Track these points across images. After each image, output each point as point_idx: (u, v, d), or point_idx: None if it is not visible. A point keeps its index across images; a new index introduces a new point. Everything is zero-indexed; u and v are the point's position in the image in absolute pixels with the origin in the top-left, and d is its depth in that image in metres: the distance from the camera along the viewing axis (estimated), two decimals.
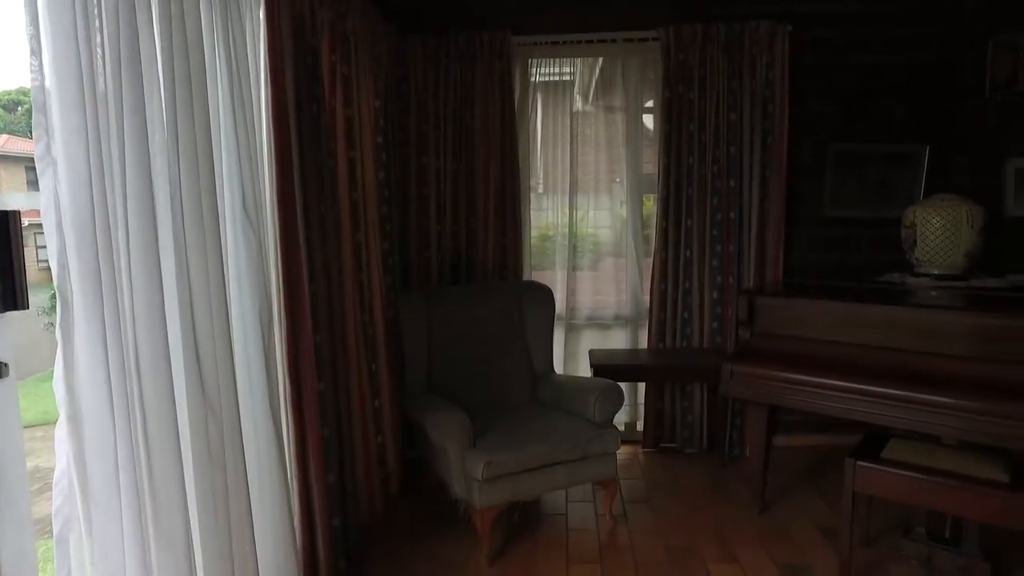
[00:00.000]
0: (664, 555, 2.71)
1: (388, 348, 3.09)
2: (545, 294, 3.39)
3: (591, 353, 3.64)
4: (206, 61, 1.68)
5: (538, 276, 3.81)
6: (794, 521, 2.97)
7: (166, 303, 1.50)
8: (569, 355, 3.82)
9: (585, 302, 3.87)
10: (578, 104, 3.86)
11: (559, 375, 3.33)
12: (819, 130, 3.69)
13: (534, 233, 3.84)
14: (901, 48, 3.66)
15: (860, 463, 2.35)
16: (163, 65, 1.50)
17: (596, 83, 3.94)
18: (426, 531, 2.92)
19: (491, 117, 3.57)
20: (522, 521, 2.98)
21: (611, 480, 2.90)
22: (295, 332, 2.20)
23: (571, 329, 3.83)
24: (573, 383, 3.14)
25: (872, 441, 2.53)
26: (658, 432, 3.79)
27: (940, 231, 2.91)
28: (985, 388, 2.23)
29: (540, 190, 3.87)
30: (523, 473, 2.66)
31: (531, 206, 3.79)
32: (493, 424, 2.87)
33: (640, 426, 3.86)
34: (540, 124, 3.80)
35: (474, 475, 2.56)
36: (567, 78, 3.81)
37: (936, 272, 3.01)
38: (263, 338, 1.95)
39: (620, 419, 3.90)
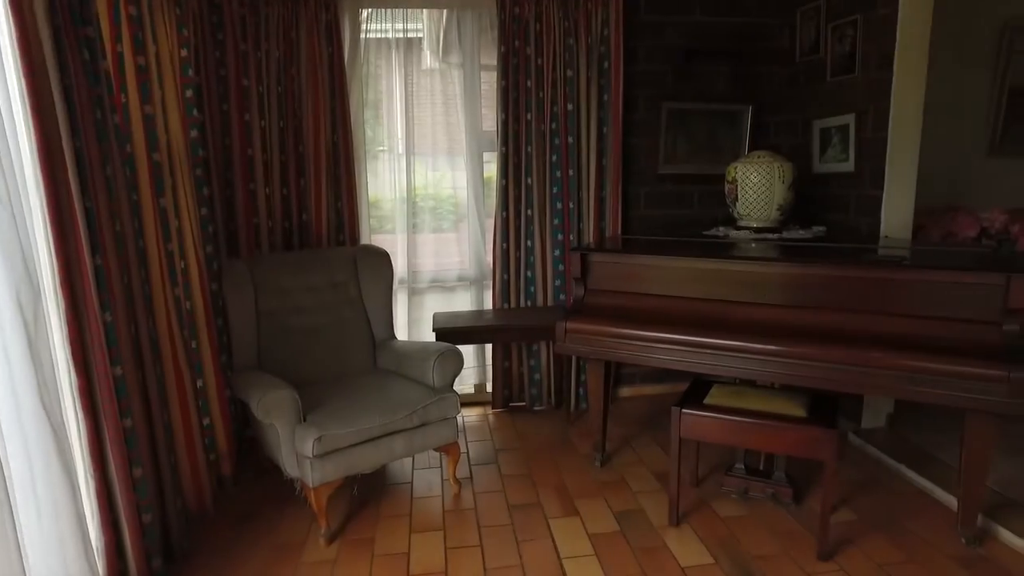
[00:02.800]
0: (507, 514, 2.73)
1: (210, 323, 2.83)
2: (382, 258, 3.25)
3: (435, 317, 3.56)
4: None
5: (378, 240, 3.65)
6: (633, 469, 3.10)
7: None
8: (413, 320, 3.72)
9: (428, 265, 3.76)
10: (418, 61, 3.68)
11: (400, 341, 3.22)
12: (653, 88, 3.78)
13: (372, 195, 3.66)
14: (724, 10, 3.81)
15: (684, 410, 2.46)
16: None
17: (438, 40, 3.77)
18: (263, 514, 2.75)
19: (320, 72, 3.32)
20: (363, 494, 2.89)
21: (453, 445, 2.87)
22: (77, 313, 1.92)
23: (414, 293, 3.72)
24: (412, 349, 3.05)
25: (697, 388, 2.67)
26: (507, 392, 3.82)
27: (757, 186, 3.08)
28: (794, 334, 2.40)
29: (378, 150, 3.67)
30: (358, 446, 2.55)
31: (368, 167, 3.59)
32: (328, 397, 2.73)
33: (490, 387, 3.86)
34: (376, 81, 3.58)
35: (304, 452, 2.42)
36: (413, 35, 3.61)
37: (755, 225, 3.20)
38: (25, 323, 1.68)
39: (469, 381, 3.90)
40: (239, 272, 2.94)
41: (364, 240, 3.59)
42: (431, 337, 3.39)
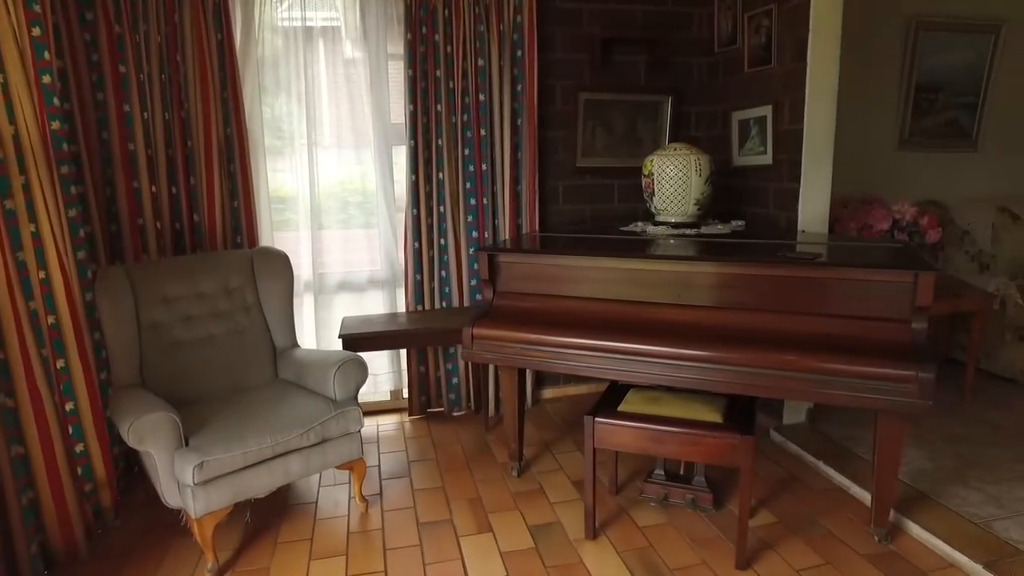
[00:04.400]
0: (416, 534, 2.55)
1: (81, 338, 2.53)
2: (281, 260, 3.01)
3: (343, 322, 3.34)
4: None
5: (281, 241, 3.39)
6: (552, 477, 2.97)
7: None
8: (322, 324, 3.48)
9: (337, 266, 3.53)
10: (320, 48, 3.40)
11: (303, 350, 2.99)
12: (569, 78, 3.64)
13: (274, 193, 3.40)
14: None
15: (598, 420, 2.34)
16: None
17: (342, 26, 3.51)
18: (145, 550, 2.48)
19: (209, 59, 3.03)
20: (260, 519, 2.66)
21: (357, 462, 2.67)
22: None
23: (322, 296, 3.48)
24: (314, 358, 2.83)
25: (614, 394, 2.55)
26: (424, 398, 3.63)
27: (673, 180, 2.98)
28: (709, 336, 2.29)
29: (278, 144, 3.40)
30: (248, 469, 2.32)
31: (268, 163, 3.32)
32: (218, 415, 2.48)
33: (407, 393, 3.67)
34: (274, 69, 3.30)
35: (185, 480, 2.18)
36: (313, 21, 3.34)
37: (673, 220, 3.10)
38: None
39: (385, 387, 3.70)
40: (115, 280, 2.65)
41: (265, 241, 3.33)
42: (339, 344, 3.18)
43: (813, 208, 3.17)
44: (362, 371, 2.69)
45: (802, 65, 3.07)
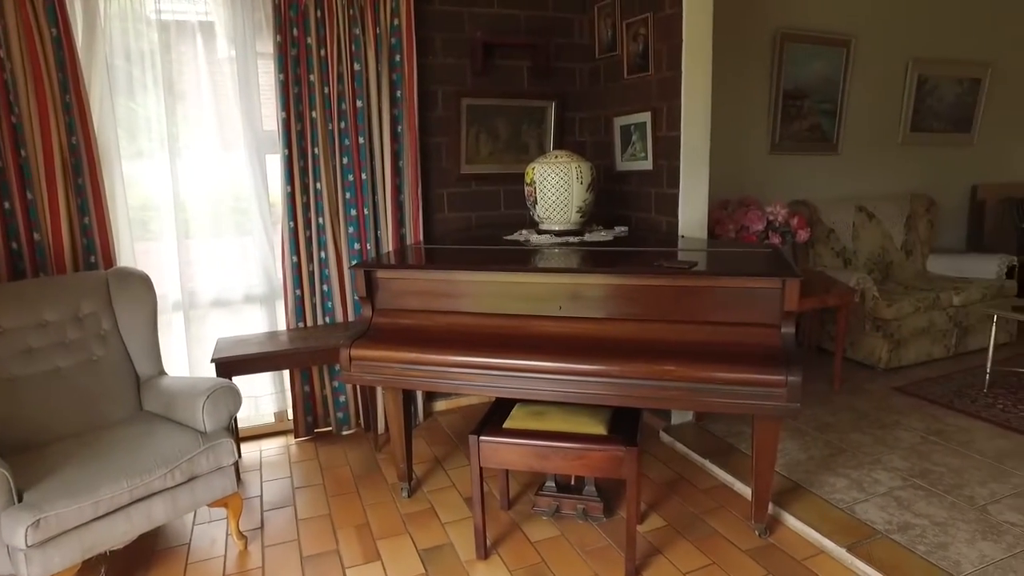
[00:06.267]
0: (299, 569, 2.40)
1: None
2: (141, 283, 2.75)
3: (218, 344, 3.11)
4: None
5: (144, 254, 3.11)
6: (443, 495, 2.89)
7: None
8: (193, 348, 3.23)
9: (209, 283, 3.28)
10: (182, 46, 3.14)
11: (170, 378, 2.74)
12: (451, 83, 3.57)
13: (135, 206, 3.11)
14: (523, 2, 3.68)
15: (483, 438, 2.28)
16: None
17: (206, 23, 3.25)
18: None
19: (43, 59, 2.71)
20: (121, 570, 2.42)
21: (232, 497, 2.48)
22: None
23: (194, 314, 3.23)
24: (181, 387, 2.60)
25: (500, 409, 2.50)
26: (310, 418, 3.45)
27: (555, 188, 2.96)
28: (592, 348, 2.28)
29: (136, 152, 3.11)
30: (100, 519, 2.09)
31: (125, 173, 3.03)
32: (67, 459, 2.22)
33: (292, 414, 3.47)
34: (127, 69, 3.01)
35: (16, 543, 1.92)
36: (169, 15, 3.06)
37: (557, 228, 3.09)
38: None
39: (268, 409, 3.50)
40: None
41: (125, 257, 3.04)
42: (213, 368, 2.95)
43: (692, 213, 3.25)
44: (234, 399, 2.50)
45: (677, 73, 3.14)
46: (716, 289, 2.25)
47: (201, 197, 3.21)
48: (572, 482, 2.71)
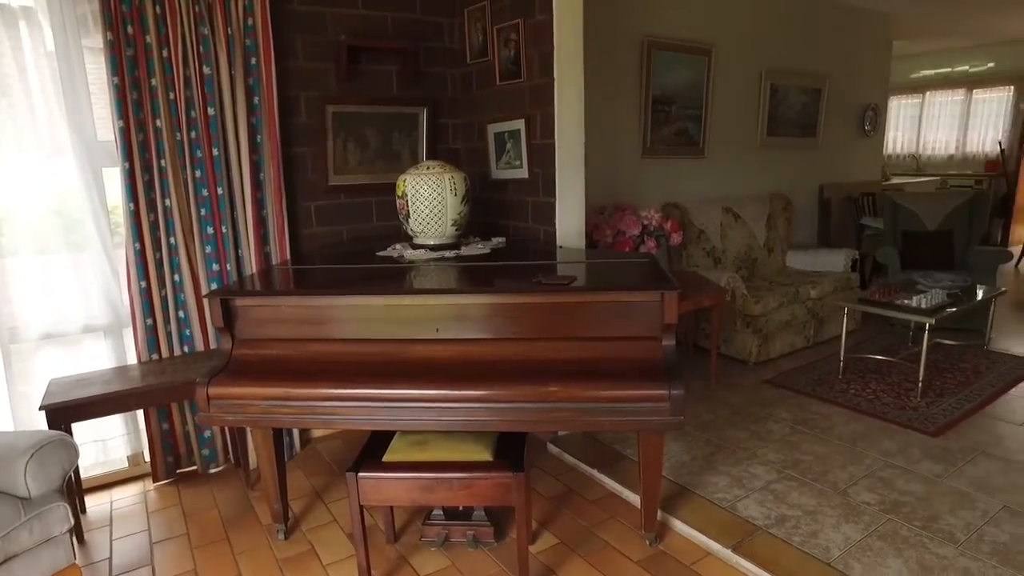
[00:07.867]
0: None
1: None
2: None
3: (50, 386, 2.73)
4: None
5: None
6: (324, 533, 2.69)
7: None
8: (18, 393, 2.79)
9: (35, 313, 2.85)
10: (11, 36, 2.72)
11: None
12: (315, 89, 3.34)
13: None
14: (390, 4, 3.51)
15: (360, 475, 2.12)
16: None
17: (18, 9, 2.83)
18: None
19: None
20: None
21: (69, 569, 2.15)
22: None
23: (17, 351, 2.80)
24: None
25: (378, 440, 2.34)
26: (171, 458, 3.12)
27: (429, 201, 2.84)
28: (474, 372, 2.16)
29: None
30: None
31: None
32: None
33: (148, 456, 3.12)
34: None
35: None
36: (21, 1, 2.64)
37: (432, 243, 2.97)
38: None
39: (118, 454, 3.13)
40: None
41: None
42: (42, 418, 2.57)
43: (570, 221, 3.24)
44: (67, 454, 2.18)
45: (550, 80, 3.10)
46: (595, 304, 2.22)
47: (26, 216, 2.79)
48: (460, 508, 2.61)
